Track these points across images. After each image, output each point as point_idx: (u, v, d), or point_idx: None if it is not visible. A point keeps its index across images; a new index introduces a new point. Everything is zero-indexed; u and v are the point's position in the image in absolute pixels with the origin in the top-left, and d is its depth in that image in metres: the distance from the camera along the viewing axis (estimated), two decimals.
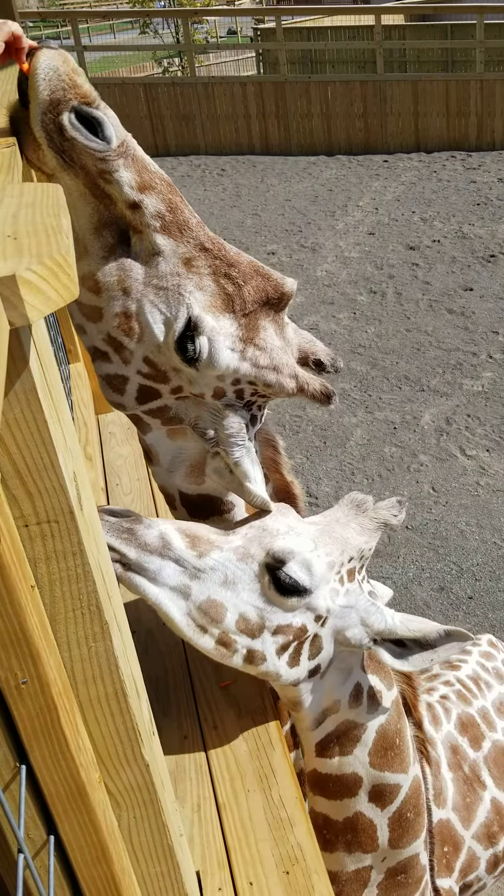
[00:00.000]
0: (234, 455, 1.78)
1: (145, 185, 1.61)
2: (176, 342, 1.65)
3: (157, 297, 1.64)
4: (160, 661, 2.14)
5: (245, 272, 1.70)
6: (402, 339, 9.11)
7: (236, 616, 1.64)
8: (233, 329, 1.69)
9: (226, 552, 1.65)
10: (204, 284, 1.65)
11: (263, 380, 1.77)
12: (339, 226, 12.55)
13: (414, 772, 1.98)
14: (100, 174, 1.57)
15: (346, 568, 1.74)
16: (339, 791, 1.89)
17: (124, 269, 1.62)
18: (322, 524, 1.80)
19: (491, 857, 2.61)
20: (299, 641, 1.70)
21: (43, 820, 1.04)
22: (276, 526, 1.72)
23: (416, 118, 16.02)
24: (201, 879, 1.66)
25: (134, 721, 1.13)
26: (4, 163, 1.21)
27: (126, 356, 1.69)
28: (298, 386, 1.83)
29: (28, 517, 0.96)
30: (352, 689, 1.81)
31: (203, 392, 1.76)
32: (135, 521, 1.60)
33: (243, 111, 16.58)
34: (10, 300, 0.75)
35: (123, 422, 3.31)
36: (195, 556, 1.62)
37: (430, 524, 6.34)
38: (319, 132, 16.50)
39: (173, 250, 1.63)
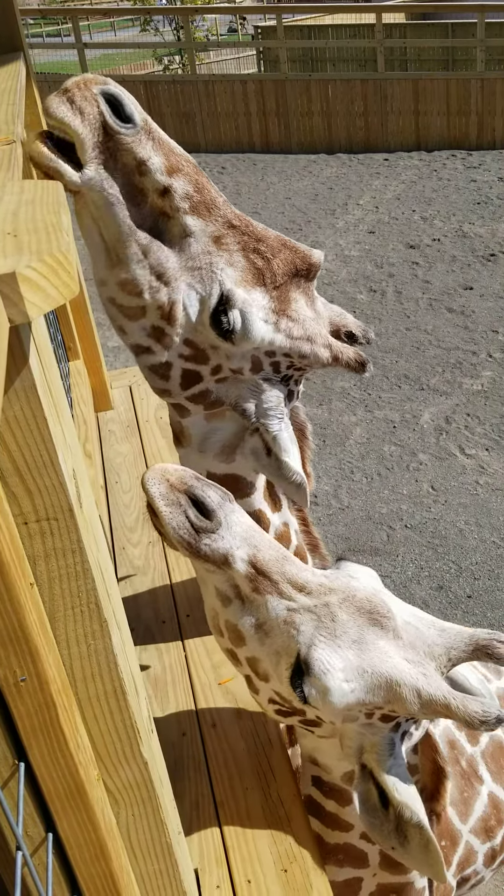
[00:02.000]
0: (273, 429, 1.82)
1: (173, 168, 1.63)
2: (210, 317, 1.69)
3: (192, 278, 1.69)
4: (159, 658, 2.14)
5: (273, 246, 1.74)
6: (402, 337, 9.11)
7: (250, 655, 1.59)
8: (265, 301, 1.73)
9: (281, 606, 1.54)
10: (234, 260, 1.70)
11: (298, 350, 1.81)
12: (339, 224, 12.55)
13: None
14: (138, 167, 1.59)
15: (381, 712, 1.56)
16: (332, 824, 1.84)
17: (160, 261, 1.66)
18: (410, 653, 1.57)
19: (489, 851, 2.62)
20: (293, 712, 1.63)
21: (41, 817, 1.04)
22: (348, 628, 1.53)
23: (416, 117, 16.01)
24: (199, 877, 1.66)
25: (133, 719, 1.13)
26: (4, 160, 1.21)
27: (167, 342, 1.74)
28: (333, 355, 1.86)
29: (27, 515, 0.96)
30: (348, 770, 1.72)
31: (241, 367, 1.79)
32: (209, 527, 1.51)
33: (244, 109, 16.56)
34: (10, 297, 0.75)
35: (123, 419, 3.31)
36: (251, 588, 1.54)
37: (430, 523, 6.34)
38: (320, 130, 16.49)
39: (203, 230, 1.68)
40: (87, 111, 1.51)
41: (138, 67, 23.64)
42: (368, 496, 6.67)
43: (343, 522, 6.37)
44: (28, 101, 2.49)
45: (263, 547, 1.56)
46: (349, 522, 6.38)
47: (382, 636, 1.54)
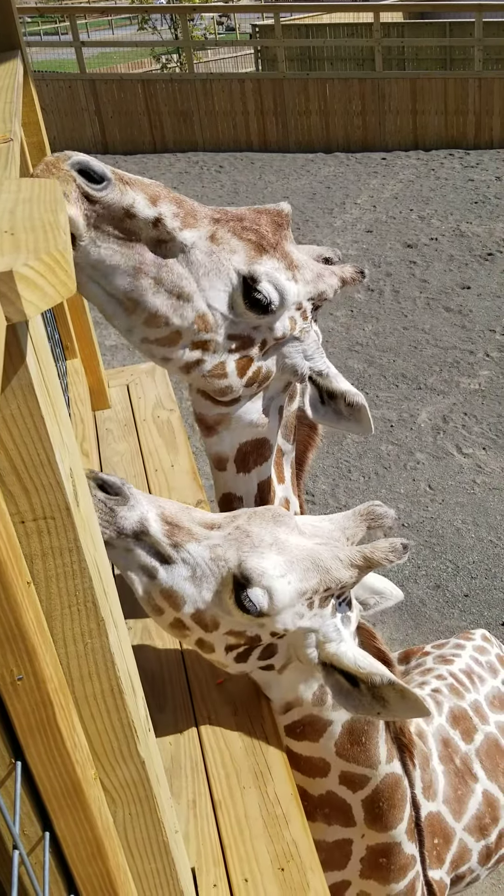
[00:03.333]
0: (322, 367, 2.00)
1: (154, 197, 1.70)
2: (245, 301, 1.80)
3: (209, 282, 1.77)
4: (155, 657, 2.14)
5: (253, 218, 1.86)
6: (400, 336, 9.11)
7: (193, 610, 1.68)
8: (276, 264, 1.85)
9: (202, 547, 1.67)
10: (234, 247, 1.80)
11: (317, 291, 1.95)
12: (336, 223, 12.55)
13: (387, 769, 2.00)
14: (126, 214, 1.65)
15: (319, 596, 1.71)
16: (310, 770, 1.95)
17: (175, 282, 1.73)
18: (318, 539, 1.75)
19: (483, 849, 2.62)
20: (250, 647, 1.74)
21: (38, 816, 1.04)
22: (262, 535, 1.69)
23: (414, 116, 16.01)
24: (196, 876, 1.66)
25: (130, 717, 1.13)
26: (1, 158, 1.21)
27: (212, 347, 1.82)
28: (339, 279, 2.02)
29: (24, 513, 0.95)
30: (315, 689, 1.84)
31: (284, 333, 1.91)
32: (119, 501, 1.63)
33: (241, 108, 16.56)
34: (6, 296, 0.75)
35: (120, 418, 3.31)
36: (170, 545, 1.66)
37: (427, 522, 6.34)
38: (317, 129, 16.49)
39: (199, 237, 1.77)
40: (69, 193, 1.56)
41: (136, 66, 23.62)
42: (366, 495, 6.67)
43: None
44: (25, 99, 2.49)
45: (166, 503, 1.70)
46: None
47: (291, 533, 1.72)
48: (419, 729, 2.56)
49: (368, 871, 2.14)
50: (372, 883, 2.16)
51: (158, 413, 3.30)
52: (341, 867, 2.13)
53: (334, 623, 1.76)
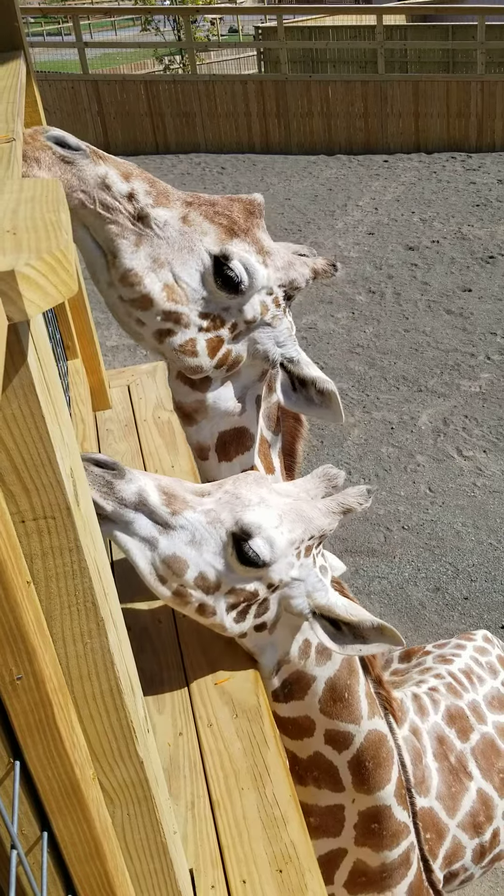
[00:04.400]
0: (293, 354, 2.04)
1: (126, 174, 1.79)
2: (216, 279, 1.86)
3: (181, 258, 1.84)
4: (155, 658, 2.14)
5: (224, 204, 1.94)
6: (401, 339, 9.11)
7: (196, 573, 1.77)
8: (246, 247, 1.91)
9: (198, 513, 1.78)
10: (205, 229, 1.87)
11: (288, 278, 2.00)
12: (338, 225, 12.56)
13: (370, 726, 2.09)
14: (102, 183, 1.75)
15: (304, 545, 1.87)
16: (297, 732, 2.05)
17: (151, 247, 1.82)
18: (292, 497, 1.91)
19: (477, 847, 2.63)
20: (248, 603, 1.85)
21: (36, 816, 1.04)
22: (249, 495, 1.83)
23: (416, 119, 16.02)
24: (195, 877, 1.66)
25: (129, 718, 1.13)
26: (4, 158, 1.21)
27: (184, 321, 1.88)
28: (311, 269, 2.07)
29: (25, 513, 0.95)
30: (301, 643, 1.97)
31: (255, 316, 1.96)
32: (116, 475, 1.71)
33: (244, 109, 16.57)
34: (8, 295, 0.75)
35: (121, 418, 3.31)
36: (168, 513, 1.75)
37: (427, 524, 6.34)
38: (320, 131, 16.49)
39: (171, 215, 1.85)
40: (41, 158, 1.66)
41: (139, 67, 23.63)
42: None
43: (341, 524, 6.35)
44: (28, 99, 2.49)
45: (160, 477, 1.81)
46: (346, 523, 6.38)
47: (271, 492, 1.88)
48: (414, 726, 2.57)
49: (362, 837, 2.19)
50: (366, 850, 2.22)
51: (159, 414, 3.30)
52: (335, 834, 2.19)
53: (316, 573, 1.91)
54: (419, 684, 2.86)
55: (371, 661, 2.12)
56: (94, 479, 1.69)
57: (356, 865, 2.24)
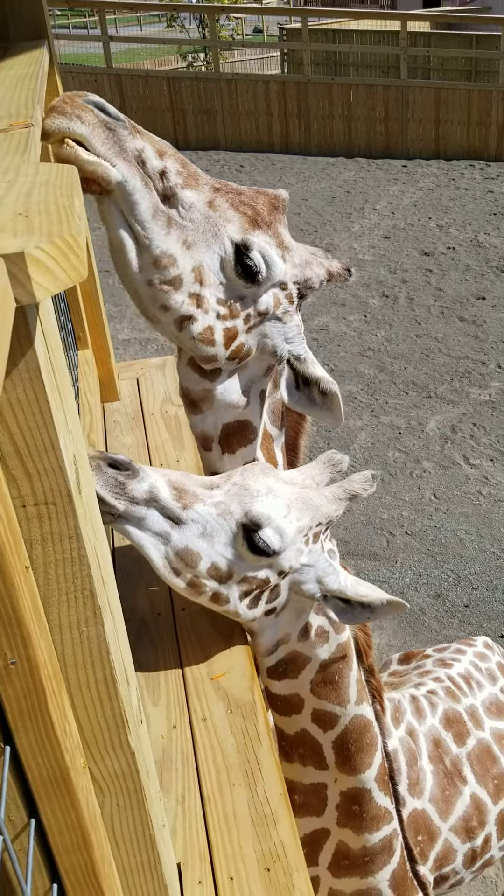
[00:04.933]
0: (301, 352, 2.06)
1: (161, 151, 1.78)
2: (236, 265, 1.88)
3: (206, 241, 1.85)
4: (152, 650, 2.14)
5: (250, 195, 1.94)
6: (412, 344, 9.09)
7: (209, 564, 1.82)
8: (268, 239, 1.92)
9: (208, 506, 1.82)
10: (229, 216, 1.88)
11: (303, 276, 2.02)
12: (354, 228, 12.54)
13: (357, 711, 2.14)
14: (138, 157, 1.73)
15: (312, 531, 1.91)
16: (287, 708, 2.10)
17: (181, 229, 1.82)
18: (298, 485, 1.96)
19: (469, 852, 2.63)
20: (261, 590, 1.89)
21: (25, 802, 1.04)
22: (257, 486, 1.88)
23: (437, 125, 15.99)
24: (182, 872, 1.66)
25: (122, 707, 1.13)
26: (22, 143, 1.21)
27: (205, 305, 1.90)
28: (326, 270, 2.09)
29: (26, 498, 0.95)
30: (302, 626, 2.01)
31: (267, 308, 1.98)
32: (129, 475, 1.75)
33: (265, 109, 16.56)
34: (17, 278, 0.75)
35: (129, 411, 3.31)
36: (180, 507, 1.79)
37: (430, 531, 6.33)
38: (340, 134, 16.48)
39: (198, 199, 1.84)
40: (84, 117, 1.63)
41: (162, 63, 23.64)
42: (370, 501, 6.66)
43: (343, 526, 6.36)
44: (49, 87, 2.49)
45: (169, 472, 1.85)
46: (349, 526, 6.37)
47: (278, 482, 1.92)
48: (411, 727, 2.57)
49: (344, 818, 2.24)
50: (347, 832, 2.26)
51: (167, 408, 3.29)
52: (319, 813, 2.24)
53: (325, 558, 1.96)
54: (418, 687, 2.86)
55: (366, 651, 2.17)
56: (105, 479, 1.72)
57: (339, 847, 2.28)
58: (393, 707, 2.56)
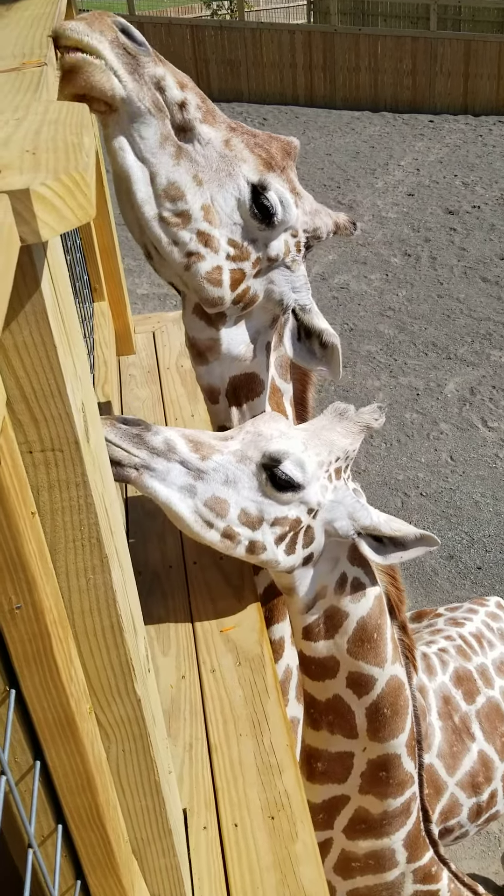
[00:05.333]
0: (306, 302, 2.05)
1: (182, 83, 1.76)
2: (252, 205, 1.86)
3: (220, 180, 1.84)
4: (163, 602, 2.15)
5: (264, 138, 1.93)
6: (433, 304, 8.98)
7: (238, 511, 1.82)
8: (282, 182, 1.90)
9: (226, 455, 1.83)
10: (244, 157, 1.86)
11: (313, 224, 2.01)
12: (378, 184, 12.33)
13: (392, 671, 2.12)
14: (157, 84, 1.70)
15: (333, 467, 1.92)
16: (320, 672, 2.07)
17: (191, 163, 1.79)
18: (310, 430, 1.98)
19: (474, 806, 2.67)
20: (294, 532, 1.88)
21: (30, 745, 1.05)
22: (269, 431, 1.90)
23: (465, 79, 15.60)
24: (187, 817, 1.69)
25: (128, 655, 1.13)
26: (34, 81, 1.18)
27: (214, 245, 1.87)
28: (334, 222, 2.08)
29: (33, 444, 0.94)
30: (338, 577, 2.00)
31: (278, 254, 1.97)
32: (143, 428, 1.76)
33: (290, 60, 16.21)
34: (22, 215, 0.73)
35: (144, 364, 3.30)
36: (198, 458, 1.79)
37: (445, 493, 6.31)
38: (366, 87, 16.13)
39: (215, 136, 1.82)
40: (107, 34, 1.59)
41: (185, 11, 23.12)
42: (386, 462, 6.64)
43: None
44: None
45: (184, 430, 1.86)
46: (364, 487, 6.36)
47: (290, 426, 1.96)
48: (421, 683, 2.59)
49: (367, 785, 2.22)
50: (370, 798, 2.24)
51: (182, 362, 3.28)
52: (341, 781, 2.22)
53: (352, 494, 1.97)
54: (429, 644, 2.88)
55: (398, 606, 2.15)
56: (122, 433, 1.72)
57: (357, 813, 2.28)
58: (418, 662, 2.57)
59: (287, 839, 1.66)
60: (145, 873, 1.38)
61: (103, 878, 1.19)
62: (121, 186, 1.78)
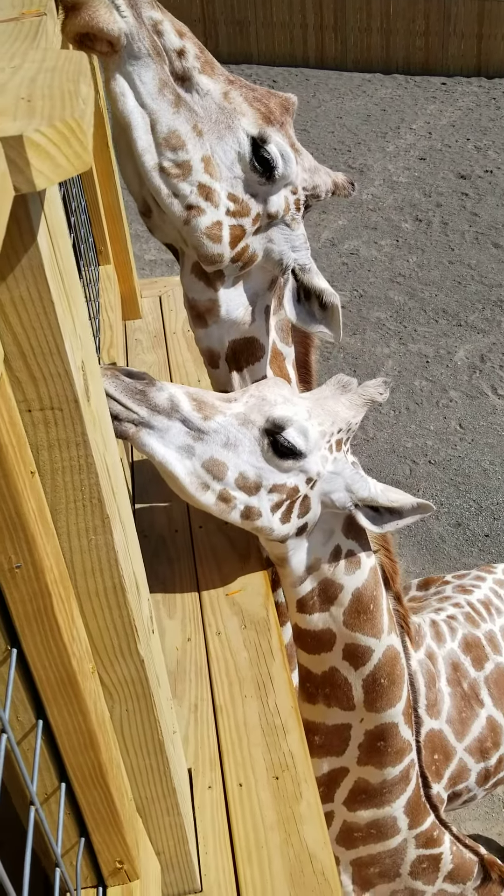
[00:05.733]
0: (305, 262, 2.02)
1: (180, 31, 1.73)
2: (252, 158, 1.83)
3: (219, 132, 1.81)
4: (169, 566, 2.16)
5: (263, 93, 1.90)
6: (444, 270, 8.88)
7: (236, 474, 1.79)
8: (282, 137, 1.88)
9: (228, 417, 1.80)
10: (243, 110, 1.83)
11: (312, 182, 1.99)
12: (389, 148, 12.14)
13: (388, 641, 2.11)
14: (154, 27, 1.68)
15: (335, 438, 1.91)
16: (316, 645, 2.05)
17: (192, 113, 1.77)
18: (313, 399, 1.96)
19: (482, 771, 2.69)
20: (291, 500, 1.86)
21: (33, 704, 1.05)
22: (274, 396, 1.87)
23: (479, 41, 15.25)
24: (192, 777, 1.70)
25: (131, 616, 1.13)
26: (32, 31, 1.15)
27: (215, 199, 1.84)
28: (332, 181, 2.05)
29: (31, 402, 0.93)
30: (332, 549, 1.99)
31: (277, 211, 1.94)
32: (147, 383, 1.72)
33: (300, 20, 15.89)
34: (15, 163, 0.71)
35: (150, 329, 3.27)
36: (201, 418, 1.76)
37: (454, 460, 6.29)
38: (377, 48, 15.81)
39: (214, 87, 1.80)
40: None
41: None
42: (395, 429, 6.62)
43: (367, 454, 6.33)
44: None
45: (189, 388, 1.82)
46: (373, 454, 6.35)
47: (293, 393, 1.94)
48: (430, 650, 2.60)
49: (366, 756, 2.22)
50: (369, 768, 2.25)
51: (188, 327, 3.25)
52: (339, 753, 2.22)
53: (351, 466, 1.95)
54: (437, 612, 2.89)
55: (392, 577, 2.14)
56: (125, 387, 1.69)
57: (357, 784, 2.28)
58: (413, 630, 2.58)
59: (291, 799, 1.68)
60: (150, 831, 1.39)
61: (107, 835, 1.20)
62: (121, 135, 1.75)
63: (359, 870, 2.43)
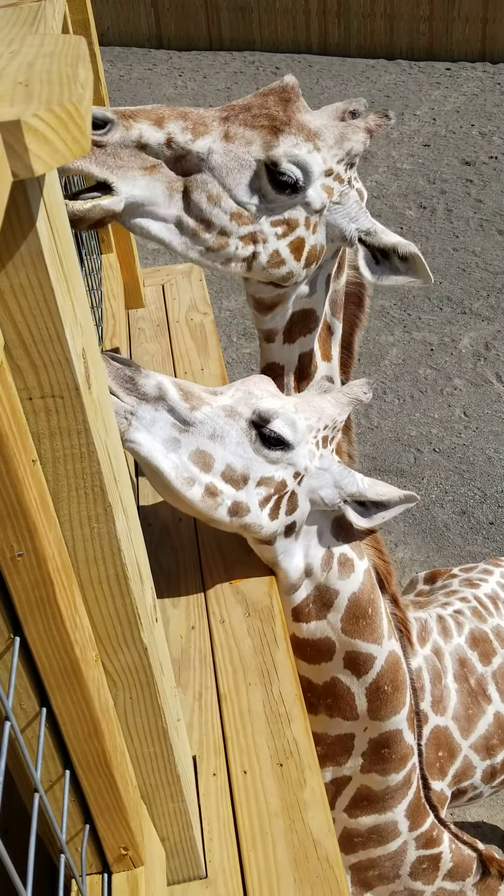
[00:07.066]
0: (366, 225, 2.01)
1: (158, 120, 1.75)
2: (274, 186, 1.84)
3: (233, 180, 1.82)
4: (173, 555, 2.16)
5: (258, 104, 1.88)
6: (448, 258, 8.84)
7: (223, 466, 1.77)
8: (294, 140, 1.86)
9: (215, 408, 1.78)
10: (249, 137, 1.83)
11: (343, 151, 1.96)
12: (393, 134, 12.07)
13: (390, 647, 2.08)
14: (138, 145, 1.72)
15: (321, 434, 1.90)
16: (315, 655, 2.04)
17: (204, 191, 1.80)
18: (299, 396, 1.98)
19: (488, 768, 2.68)
20: (279, 495, 1.85)
21: (36, 692, 1.06)
22: (260, 391, 1.87)
23: (484, 25, 15.12)
24: (197, 764, 1.71)
25: (134, 604, 1.13)
26: (31, 16, 1.14)
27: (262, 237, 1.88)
28: (365, 130, 2.02)
29: (32, 390, 0.93)
30: (323, 552, 1.97)
31: (323, 202, 1.93)
32: (135, 370, 1.71)
33: (303, 6, 15.78)
34: (13, 148, 0.70)
35: (153, 318, 3.27)
36: (187, 407, 1.74)
37: (458, 448, 6.28)
38: (381, 34, 15.69)
39: (212, 141, 1.80)
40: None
41: None
42: (399, 418, 6.61)
43: (371, 442, 6.33)
44: None
45: (175, 378, 1.80)
46: (377, 443, 6.34)
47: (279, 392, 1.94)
48: (437, 646, 2.59)
49: (370, 764, 2.20)
50: (372, 776, 2.23)
51: (192, 316, 3.24)
52: (341, 763, 2.20)
53: (337, 461, 1.95)
54: (444, 606, 2.87)
55: (386, 579, 2.10)
56: (115, 372, 1.67)
57: (359, 791, 2.26)
58: (420, 626, 2.57)
59: (295, 786, 1.68)
60: (154, 818, 1.40)
61: (112, 822, 1.21)
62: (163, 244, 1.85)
63: (358, 873, 2.42)
